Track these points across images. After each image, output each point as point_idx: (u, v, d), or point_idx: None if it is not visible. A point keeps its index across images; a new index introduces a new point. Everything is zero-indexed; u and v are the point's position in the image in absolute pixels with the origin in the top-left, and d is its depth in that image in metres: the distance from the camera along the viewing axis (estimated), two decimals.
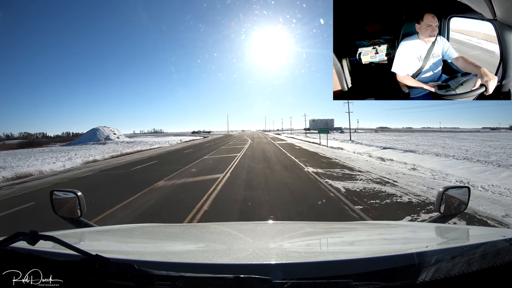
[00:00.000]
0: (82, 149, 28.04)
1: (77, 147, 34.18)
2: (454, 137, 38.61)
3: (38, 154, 22.42)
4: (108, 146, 32.20)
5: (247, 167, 10.52)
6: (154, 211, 5.07)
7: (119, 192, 6.69)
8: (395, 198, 5.46)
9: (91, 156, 17.15)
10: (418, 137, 38.71)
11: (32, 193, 7.33)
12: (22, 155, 21.56)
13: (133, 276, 0.68)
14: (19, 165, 13.32)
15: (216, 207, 5.15)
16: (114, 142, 40.54)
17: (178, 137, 54.47)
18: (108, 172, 10.84)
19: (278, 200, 5.55)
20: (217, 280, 0.66)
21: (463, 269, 0.70)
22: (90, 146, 33.13)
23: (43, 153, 23.76)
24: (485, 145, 20.75)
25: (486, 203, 4.96)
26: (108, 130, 50.93)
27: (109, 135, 48.67)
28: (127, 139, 47.53)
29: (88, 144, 39.11)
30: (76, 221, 1.46)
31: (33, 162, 15.15)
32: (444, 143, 23.88)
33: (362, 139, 32.86)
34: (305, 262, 0.81)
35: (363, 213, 4.56)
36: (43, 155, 20.74)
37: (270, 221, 3.23)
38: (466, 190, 1.45)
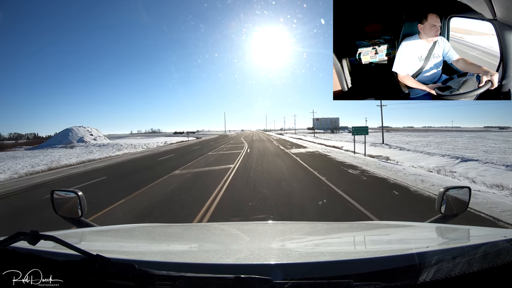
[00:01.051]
0: (39, 154, 23.76)
1: (39, 151, 29.23)
2: (484, 137, 34.59)
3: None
4: (74, 150, 28.36)
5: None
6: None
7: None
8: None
9: (25, 168, 13.68)
10: (446, 138, 34.92)
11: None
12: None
13: (134, 276, 0.68)
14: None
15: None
16: (85, 145, 35.26)
17: (165, 139, 50.94)
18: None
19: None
20: (217, 280, 0.66)
21: (464, 269, 0.70)
22: (54, 151, 28.78)
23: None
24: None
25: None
26: (83, 131, 45.09)
27: (84, 137, 42.84)
28: (105, 141, 41.93)
29: (55, 148, 34.05)
30: (77, 221, 1.46)
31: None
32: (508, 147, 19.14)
33: (392, 141, 26.64)
34: (306, 262, 0.81)
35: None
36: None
37: (271, 221, 3.23)
38: (467, 191, 1.45)
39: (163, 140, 45.06)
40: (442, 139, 32.92)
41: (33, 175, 12.22)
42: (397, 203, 5.49)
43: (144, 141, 40.16)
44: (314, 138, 39.86)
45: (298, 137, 46.65)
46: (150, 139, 49.31)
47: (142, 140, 47.74)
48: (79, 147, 32.93)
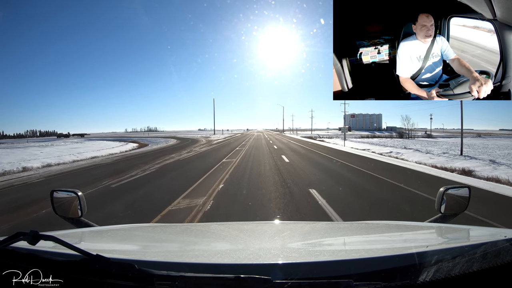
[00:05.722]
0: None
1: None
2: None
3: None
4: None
5: None
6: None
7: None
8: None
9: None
10: (497, 141, 30.95)
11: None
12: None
13: (134, 276, 0.68)
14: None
15: None
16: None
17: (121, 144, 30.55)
18: None
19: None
20: (217, 280, 0.67)
21: (464, 269, 0.70)
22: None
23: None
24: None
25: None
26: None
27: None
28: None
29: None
30: (77, 221, 1.46)
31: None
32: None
33: (471, 151, 18.14)
34: (306, 262, 0.81)
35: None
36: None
37: (271, 221, 3.24)
38: (467, 190, 1.45)
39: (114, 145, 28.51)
40: (480, 142, 28.33)
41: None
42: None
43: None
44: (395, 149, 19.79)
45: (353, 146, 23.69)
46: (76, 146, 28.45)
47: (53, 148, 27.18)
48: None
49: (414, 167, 11.04)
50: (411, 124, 51.73)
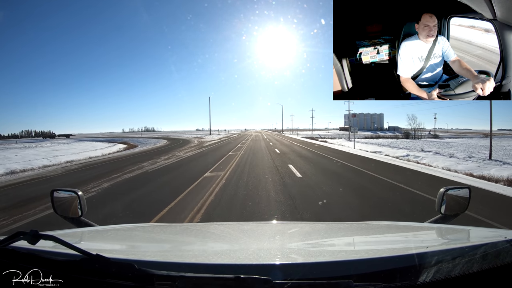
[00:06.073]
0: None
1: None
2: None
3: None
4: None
5: None
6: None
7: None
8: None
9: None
10: (509, 141, 29.43)
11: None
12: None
13: (134, 276, 0.68)
14: None
15: None
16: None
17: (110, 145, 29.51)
18: None
19: None
20: (217, 280, 0.67)
21: (464, 270, 0.70)
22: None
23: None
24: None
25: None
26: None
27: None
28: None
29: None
30: (77, 221, 1.46)
31: None
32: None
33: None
34: (306, 262, 0.81)
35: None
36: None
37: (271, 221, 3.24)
38: (467, 191, 1.44)
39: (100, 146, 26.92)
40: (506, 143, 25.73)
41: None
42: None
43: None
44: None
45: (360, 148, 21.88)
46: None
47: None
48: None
49: (449, 177, 8.49)
50: (418, 124, 49.80)
